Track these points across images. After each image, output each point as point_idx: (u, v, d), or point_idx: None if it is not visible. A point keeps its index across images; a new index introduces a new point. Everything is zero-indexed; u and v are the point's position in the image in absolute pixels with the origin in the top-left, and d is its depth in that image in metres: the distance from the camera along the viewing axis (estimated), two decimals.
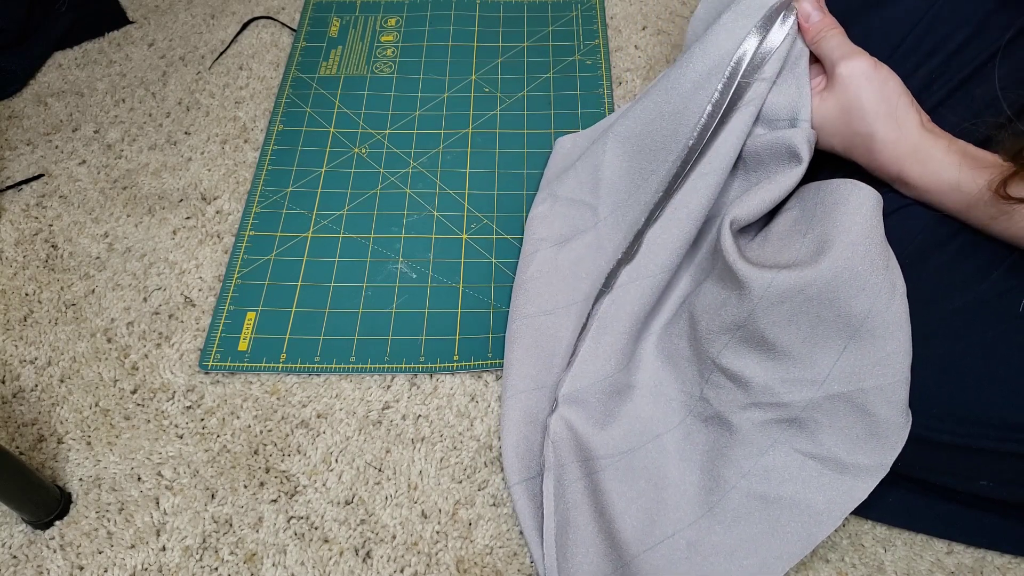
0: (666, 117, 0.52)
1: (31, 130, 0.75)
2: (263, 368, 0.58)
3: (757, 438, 0.46)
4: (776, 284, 0.42)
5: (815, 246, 0.43)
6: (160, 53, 0.82)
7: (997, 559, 0.49)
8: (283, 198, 0.68)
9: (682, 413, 0.50)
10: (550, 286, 0.57)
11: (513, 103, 0.75)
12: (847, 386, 0.42)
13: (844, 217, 0.42)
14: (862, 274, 0.40)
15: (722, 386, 0.47)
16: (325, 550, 0.50)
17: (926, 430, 0.42)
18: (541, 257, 0.59)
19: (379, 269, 0.63)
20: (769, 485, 0.45)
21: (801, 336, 0.42)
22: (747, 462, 0.46)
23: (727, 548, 0.45)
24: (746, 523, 0.45)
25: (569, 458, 0.49)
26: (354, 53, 0.80)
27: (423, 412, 0.56)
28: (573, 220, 0.59)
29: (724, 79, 0.48)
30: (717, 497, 0.47)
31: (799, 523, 0.44)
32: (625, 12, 0.84)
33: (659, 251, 0.51)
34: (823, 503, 0.44)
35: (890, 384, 0.41)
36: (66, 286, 0.63)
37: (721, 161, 0.48)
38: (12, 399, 0.57)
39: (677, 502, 0.48)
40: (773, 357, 0.44)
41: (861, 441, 0.43)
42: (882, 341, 0.41)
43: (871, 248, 0.41)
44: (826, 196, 0.44)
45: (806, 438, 0.45)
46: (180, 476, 0.53)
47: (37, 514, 0.50)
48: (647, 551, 0.46)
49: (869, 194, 0.42)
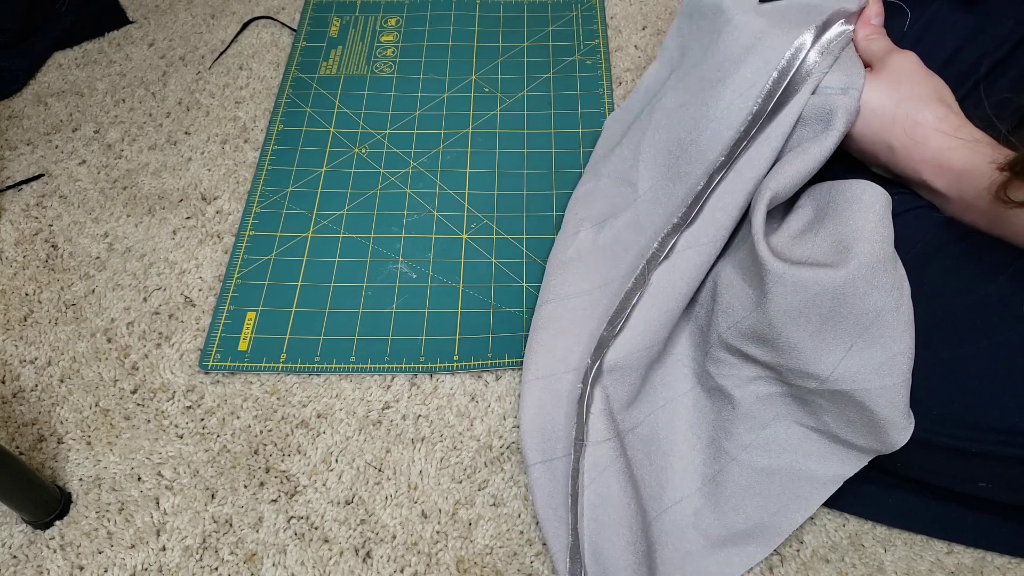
0: (715, 86, 0.50)
1: (31, 130, 0.75)
2: (263, 368, 0.58)
3: (759, 412, 0.47)
4: (790, 275, 0.42)
5: (830, 245, 0.43)
6: (160, 53, 0.82)
7: (997, 559, 0.49)
8: (283, 198, 0.68)
9: (692, 380, 0.52)
10: (589, 266, 0.57)
11: (513, 103, 0.75)
12: (850, 385, 0.42)
13: (858, 217, 0.42)
14: (876, 273, 0.40)
15: (722, 360, 0.48)
16: (325, 550, 0.50)
17: (926, 432, 0.42)
18: (582, 238, 0.59)
19: (379, 269, 0.63)
20: (769, 457, 0.47)
21: (810, 330, 0.42)
22: (748, 435, 0.47)
23: (730, 515, 0.47)
24: (746, 493, 0.47)
25: (610, 432, 0.49)
26: (354, 53, 0.80)
27: (423, 412, 0.56)
28: (613, 199, 0.59)
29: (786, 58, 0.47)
30: (720, 466, 0.48)
31: (799, 490, 0.46)
32: (625, 12, 0.84)
33: (721, 217, 0.49)
34: (822, 470, 0.46)
35: (893, 385, 0.41)
36: (66, 286, 0.63)
37: (785, 127, 0.47)
38: (12, 399, 0.57)
39: (684, 468, 0.49)
40: (779, 349, 0.44)
41: (861, 428, 0.43)
42: (889, 341, 0.41)
43: (884, 248, 0.41)
44: (838, 195, 0.44)
45: (808, 414, 0.46)
46: (180, 476, 0.53)
47: (37, 514, 0.50)
48: (658, 516, 0.48)
49: (880, 194, 0.42)
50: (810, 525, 0.51)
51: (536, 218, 0.66)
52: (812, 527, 0.51)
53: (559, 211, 0.66)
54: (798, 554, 0.50)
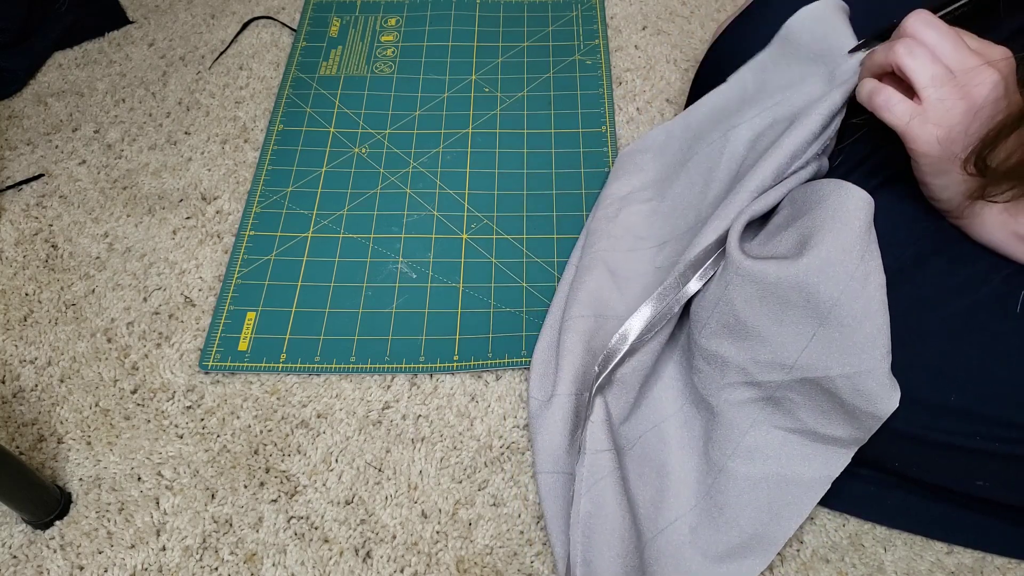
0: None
1: (31, 130, 0.75)
2: (263, 368, 0.58)
3: (737, 419, 0.48)
4: (748, 266, 0.43)
5: (795, 240, 0.44)
6: (160, 53, 0.82)
7: (997, 559, 0.49)
8: (283, 198, 0.68)
9: (680, 400, 0.52)
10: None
11: (513, 103, 0.75)
12: (815, 372, 0.42)
13: (821, 212, 0.43)
14: (831, 263, 0.41)
15: (701, 370, 0.49)
16: (325, 550, 0.50)
17: (921, 429, 0.42)
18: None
19: (379, 269, 0.63)
20: (754, 465, 0.47)
21: (772, 318, 0.43)
22: (729, 444, 0.48)
23: (725, 529, 0.47)
24: (739, 505, 0.47)
25: (608, 443, 0.49)
26: (354, 53, 0.80)
27: (423, 412, 0.56)
28: (675, 223, 0.59)
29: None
30: (711, 480, 0.49)
31: (789, 496, 0.47)
32: (625, 12, 0.84)
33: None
34: (808, 473, 0.46)
35: (857, 373, 0.41)
36: (66, 286, 0.63)
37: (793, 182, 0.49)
38: (12, 399, 0.57)
39: (678, 489, 0.50)
40: (746, 338, 0.45)
41: (835, 417, 0.44)
42: (850, 330, 0.41)
43: (844, 239, 0.41)
44: (811, 194, 0.45)
45: (783, 415, 0.46)
46: (180, 476, 0.53)
47: (37, 514, 0.50)
48: (654, 537, 0.48)
49: (852, 192, 0.43)
50: (810, 525, 0.51)
51: (536, 218, 0.66)
52: (812, 527, 0.51)
53: (559, 211, 0.66)
54: (798, 554, 0.50)
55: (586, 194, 0.68)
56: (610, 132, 0.72)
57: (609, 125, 0.73)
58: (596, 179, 0.68)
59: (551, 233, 0.65)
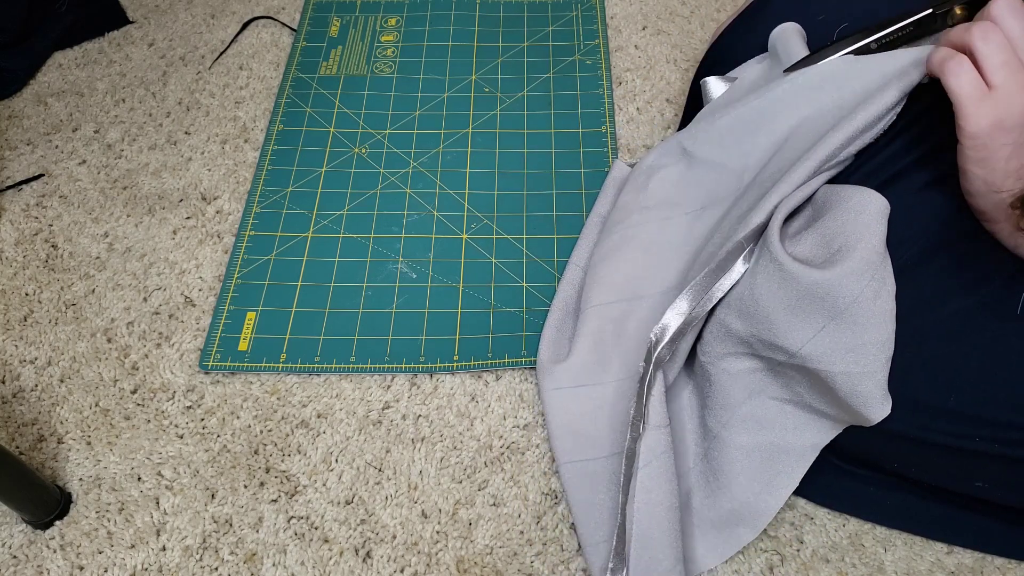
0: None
1: (31, 130, 0.75)
2: (263, 368, 0.58)
3: (734, 389, 0.48)
4: (787, 262, 0.43)
5: (816, 240, 0.44)
6: (160, 53, 0.82)
7: (997, 559, 0.49)
8: (283, 198, 0.68)
9: (688, 378, 0.53)
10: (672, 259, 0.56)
11: (513, 103, 0.75)
12: (817, 364, 0.42)
13: (843, 215, 0.43)
14: (858, 271, 0.41)
15: (704, 338, 0.49)
16: (325, 550, 0.50)
17: (921, 430, 0.42)
18: (674, 224, 0.58)
19: (379, 269, 0.63)
20: (749, 435, 0.48)
21: (785, 305, 0.43)
22: (724, 412, 0.49)
23: (718, 495, 0.49)
24: (732, 471, 0.48)
25: (665, 419, 0.49)
26: (354, 53, 0.80)
27: (423, 412, 0.56)
28: (714, 188, 0.57)
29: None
30: (707, 444, 0.50)
31: (780, 466, 0.48)
32: (625, 12, 0.84)
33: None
34: (799, 441, 0.47)
35: (859, 374, 0.41)
36: (66, 286, 0.63)
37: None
38: (12, 399, 0.57)
39: (683, 452, 0.51)
40: (754, 316, 0.45)
41: (832, 401, 0.44)
42: (861, 330, 0.41)
43: (873, 245, 0.42)
44: (831, 196, 0.45)
45: (780, 386, 0.47)
46: (180, 476, 0.53)
47: (37, 514, 0.50)
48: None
49: (874, 198, 0.43)
50: (810, 525, 0.51)
51: (536, 218, 0.66)
52: (812, 527, 0.51)
53: (559, 211, 0.66)
54: (798, 554, 0.50)
55: (586, 194, 0.68)
56: (610, 132, 0.72)
57: (609, 125, 0.73)
58: (596, 179, 0.68)
59: (551, 233, 0.65)
